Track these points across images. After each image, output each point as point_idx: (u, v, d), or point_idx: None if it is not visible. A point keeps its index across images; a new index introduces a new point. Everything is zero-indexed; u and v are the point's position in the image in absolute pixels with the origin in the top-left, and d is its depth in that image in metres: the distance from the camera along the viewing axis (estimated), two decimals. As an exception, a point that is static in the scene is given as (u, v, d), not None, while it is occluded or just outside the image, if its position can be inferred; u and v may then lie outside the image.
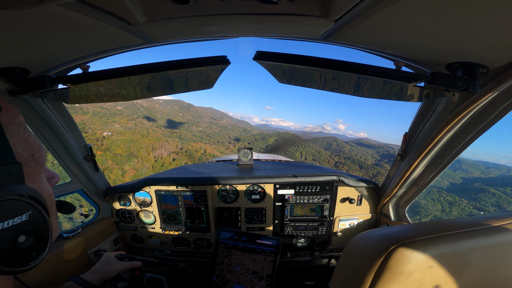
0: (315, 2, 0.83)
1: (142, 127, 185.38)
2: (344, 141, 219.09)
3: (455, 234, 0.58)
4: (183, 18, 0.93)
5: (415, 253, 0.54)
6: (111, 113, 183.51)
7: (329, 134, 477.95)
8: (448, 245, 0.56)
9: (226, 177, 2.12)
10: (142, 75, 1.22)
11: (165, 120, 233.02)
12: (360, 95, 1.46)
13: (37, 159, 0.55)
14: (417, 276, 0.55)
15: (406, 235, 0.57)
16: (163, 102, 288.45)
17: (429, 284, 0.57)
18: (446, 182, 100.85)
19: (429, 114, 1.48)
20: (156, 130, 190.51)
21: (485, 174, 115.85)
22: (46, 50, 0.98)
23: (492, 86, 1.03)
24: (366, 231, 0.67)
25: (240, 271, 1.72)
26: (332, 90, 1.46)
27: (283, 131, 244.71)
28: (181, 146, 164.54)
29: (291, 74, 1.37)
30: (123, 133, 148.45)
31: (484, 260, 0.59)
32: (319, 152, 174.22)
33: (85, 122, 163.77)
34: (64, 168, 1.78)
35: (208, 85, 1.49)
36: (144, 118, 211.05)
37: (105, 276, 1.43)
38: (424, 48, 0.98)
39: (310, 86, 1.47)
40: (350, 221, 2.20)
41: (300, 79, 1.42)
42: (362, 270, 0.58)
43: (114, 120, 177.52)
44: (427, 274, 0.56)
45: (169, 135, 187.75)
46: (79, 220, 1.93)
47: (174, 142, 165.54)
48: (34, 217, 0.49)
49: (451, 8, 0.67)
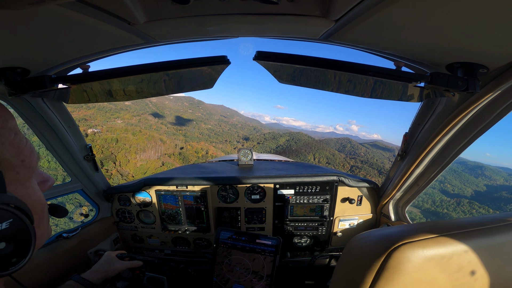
0: (315, 2, 0.83)
1: (147, 123, 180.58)
2: (359, 142, 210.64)
3: (456, 234, 0.58)
4: (183, 18, 0.93)
5: (416, 253, 0.54)
6: (117, 108, 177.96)
7: (342, 135, 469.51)
8: (448, 245, 0.56)
9: (226, 177, 2.12)
10: (142, 75, 1.22)
11: (173, 116, 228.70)
12: (360, 95, 1.46)
13: (27, 164, 0.54)
14: (417, 276, 0.55)
15: (406, 235, 0.57)
16: (173, 98, 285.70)
17: (430, 284, 0.57)
18: (470, 190, 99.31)
19: (429, 114, 1.48)
20: (160, 126, 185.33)
21: (509, 181, 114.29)
22: (46, 50, 0.98)
23: (492, 86, 1.03)
24: (366, 231, 0.67)
25: (240, 270, 1.72)
26: (332, 90, 1.46)
27: (295, 131, 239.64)
28: (182, 145, 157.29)
29: (291, 74, 1.37)
30: (114, 130, 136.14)
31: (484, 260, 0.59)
32: (333, 155, 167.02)
33: (87, 117, 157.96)
34: (64, 168, 1.78)
35: (208, 85, 1.49)
36: (151, 114, 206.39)
37: (105, 275, 1.43)
38: (424, 48, 0.98)
39: (310, 86, 1.47)
40: (350, 221, 2.20)
41: (300, 79, 1.42)
42: (363, 270, 0.58)
43: (119, 116, 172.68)
44: (428, 274, 0.56)
45: (173, 132, 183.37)
46: (79, 220, 1.93)
47: (174, 141, 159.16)
48: (15, 225, 0.49)
49: (451, 8, 0.67)
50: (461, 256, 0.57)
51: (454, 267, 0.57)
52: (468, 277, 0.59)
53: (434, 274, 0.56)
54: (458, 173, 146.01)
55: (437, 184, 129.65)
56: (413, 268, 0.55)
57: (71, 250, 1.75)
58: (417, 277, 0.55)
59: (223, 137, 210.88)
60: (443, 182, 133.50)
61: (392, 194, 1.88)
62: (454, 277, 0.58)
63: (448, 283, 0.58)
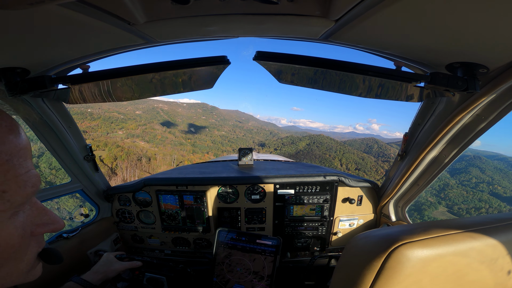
0: (315, 2, 0.83)
1: (152, 133, 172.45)
2: (386, 142, 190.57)
3: (456, 234, 0.58)
4: (183, 18, 0.93)
5: (416, 253, 0.54)
6: (125, 118, 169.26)
7: (364, 135, 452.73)
8: (448, 245, 0.56)
9: (226, 177, 2.12)
10: (142, 75, 1.22)
11: (186, 124, 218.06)
12: (360, 95, 1.46)
13: (7, 197, 0.44)
14: (417, 276, 0.55)
15: (406, 235, 0.57)
16: (187, 105, 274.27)
17: (429, 284, 0.57)
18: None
19: (429, 114, 1.48)
20: (166, 136, 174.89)
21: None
22: (46, 50, 0.98)
23: (492, 86, 1.03)
24: (366, 231, 0.67)
25: (240, 271, 1.72)
26: (332, 91, 1.46)
27: (314, 133, 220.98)
28: (181, 159, 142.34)
29: (291, 74, 1.37)
30: (107, 144, 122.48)
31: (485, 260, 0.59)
32: (362, 159, 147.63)
33: (89, 129, 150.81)
34: (64, 168, 1.78)
35: (208, 85, 1.49)
36: (160, 123, 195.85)
37: (105, 276, 1.43)
38: (424, 48, 0.98)
39: (310, 87, 1.47)
40: (350, 221, 2.20)
41: (300, 80, 1.42)
42: (363, 270, 0.58)
43: (124, 126, 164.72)
44: (428, 274, 0.56)
45: (181, 142, 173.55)
46: (79, 220, 1.93)
47: (178, 152, 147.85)
48: None
49: (451, 8, 0.67)
50: (461, 256, 0.57)
51: (454, 268, 0.57)
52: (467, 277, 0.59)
53: (434, 274, 0.56)
54: (505, 172, 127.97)
55: (485, 186, 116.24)
56: (413, 268, 0.55)
57: (71, 250, 1.75)
58: (417, 277, 0.55)
59: (237, 144, 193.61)
60: (491, 184, 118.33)
61: (392, 194, 1.88)
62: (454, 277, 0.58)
63: (448, 283, 0.58)
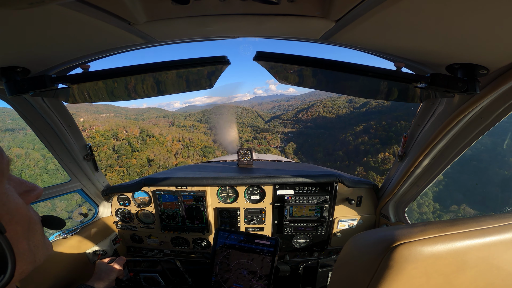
0: (316, 2, 0.83)
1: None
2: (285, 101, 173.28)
3: (454, 235, 0.58)
4: (183, 18, 0.93)
5: (414, 253, 0.54)
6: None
7: (269, 97, 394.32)
8: (446, 245, 0.56)
9: (225, 177, 2.12)
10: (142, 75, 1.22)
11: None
12: (360, 95, 1.46)
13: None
14: (415, 276, 0.55)
15: (404, 235, 0.57)
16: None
17: (427, 284, 0.57)
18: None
19: (429, 115, 1.48)
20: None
21: None
22: (46, 49, 0.98)
23: (492, 87, 1.03)
24: (364, 231, 0.67)
25: (238, 270, 1.72)
26: (332, 91, 1.46)
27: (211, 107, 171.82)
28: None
29: (291, 75, 1.37)
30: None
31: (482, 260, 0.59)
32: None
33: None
34: (64, 167, 1.78)
35: (208, 85, 1.49)
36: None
37: (109, 283, 1.48)
38: (424, 49, 0.98)
39: (310, 87, 1.47)
40: (350, 222, 2.19)
41: (300, 80, 1.42)
42: (361, 270, 0.58)
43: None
44: (426, 274, 0.56)
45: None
46: (78, 219, 1.93)
47: None
48: None
49: (451, 9, 0.67)
50: (459, 256, 0.57)
51: (452, 267, 0.57)
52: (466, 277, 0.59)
53: (431, 274, 0.56)
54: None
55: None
56: (411, 268, 0.55)
57: (70, 250, 1.75)
58: (415, 277, 0.55)
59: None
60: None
61: (391, 195, 1.88)
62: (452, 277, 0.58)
63: (445, 282, 0.58)
